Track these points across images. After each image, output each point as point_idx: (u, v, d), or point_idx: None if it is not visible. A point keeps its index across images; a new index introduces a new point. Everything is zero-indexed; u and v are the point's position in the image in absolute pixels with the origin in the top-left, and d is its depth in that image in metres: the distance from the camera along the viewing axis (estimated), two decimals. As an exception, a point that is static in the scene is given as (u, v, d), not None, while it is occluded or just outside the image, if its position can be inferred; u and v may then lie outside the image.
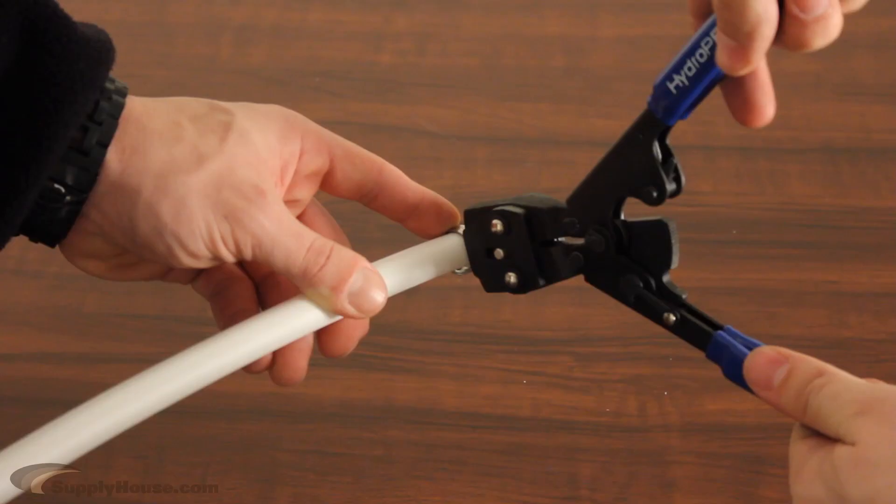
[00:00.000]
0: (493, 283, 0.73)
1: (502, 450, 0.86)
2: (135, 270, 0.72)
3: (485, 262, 0.72)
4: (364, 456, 0.86)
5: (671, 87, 0.64)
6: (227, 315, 0.73)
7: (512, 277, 0.72)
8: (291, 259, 0.68)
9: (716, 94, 1.19)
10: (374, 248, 0.73)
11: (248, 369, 0.71)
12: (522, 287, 0.73)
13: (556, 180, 1.04)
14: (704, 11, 0.63)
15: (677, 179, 0.67)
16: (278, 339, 0.69)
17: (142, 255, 0.69)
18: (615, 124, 1.08)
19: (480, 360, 0.91)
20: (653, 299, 0.68)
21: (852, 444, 0.59)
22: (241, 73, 1.15)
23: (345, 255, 0.69)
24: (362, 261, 0.70)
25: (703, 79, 0.64)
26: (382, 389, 0.90)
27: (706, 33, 0.62)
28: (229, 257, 0.68)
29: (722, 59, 0.61)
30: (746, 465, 0.85)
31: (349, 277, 0.69)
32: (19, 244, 0.99)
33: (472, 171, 1.05)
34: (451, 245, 0.73)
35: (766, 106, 0.64)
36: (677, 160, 0.67)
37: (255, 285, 0.75)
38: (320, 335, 0.73)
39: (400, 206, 0.74)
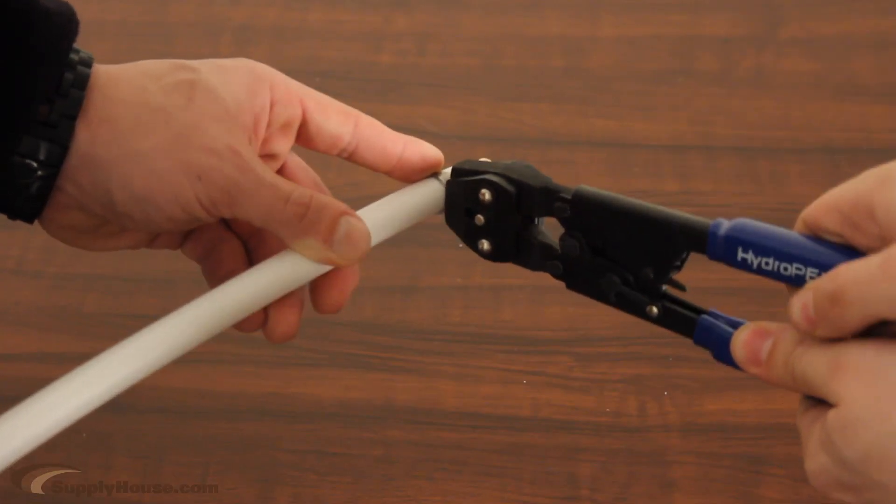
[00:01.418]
0: (464, 237, 0.73)
1: (502, 450, 0.86)
2: (119, 239, 0.72)
3: (463, 219, 0.72)
4: (364, 456, 0.86)
5: (739, 255, 0.62)
6: (218, 277, 0.72)
7: (485, 245, 0.72)
8: (272, 213, 0.68)
9: (714, 94, 1.19)
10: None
11: (241, 328, 0.70)
12: (493, 257, 0.72)
13: (556, 180, 1.04)
14: (815, 230, 0.62)
15: (678, 268, 0.67)
16: (267, 294, 0.69)
17: (122, 224, 0.69)
18: (615, 124, 1.09)
19: (480, 360, 0.91)
20: (633, 294, 0.68)
21: (837, 404, 0.59)
22: (241, 73, 1.15)
23: (326, 203, 0.69)
24: (344, 207, 0.69)
25: (767, 276, 0.62)
26: (382, 389, 0.90)
27: (805, 262, 0.61)
28: (208, 217, 0.68)
29: (795, 313, 0.60)
30: (746, 465, 0.85)
31: (333, 226, 0.68)
32: (19, 244, 1.00)
33: (472, 171, 1.05)
34: (432, 191, 0.73)
35: None
36: (682, 264, 0.66)
37: (243, 244, 0.74)
38: (313, 291, 0.72)
39: (381, 157, 0.73)
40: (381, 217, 0.71)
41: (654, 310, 0.67)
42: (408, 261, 0.97)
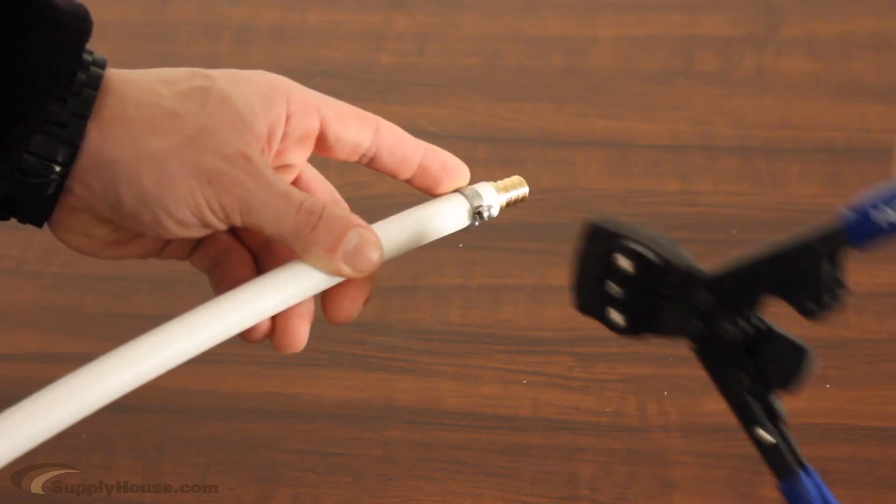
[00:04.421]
0: (590, 309, 0.66)
1: (502, 450, 0.86)
2: (128, 248, 0.71)
3: (591, 285, 0.65)
4: (364, 456, 0.86)
5: (883, 221, 0.58)
6: (225, 287, 0.70)
7: (619, 318, 0.65)
8: (282, 221, 0.67)
9: (714, 94, 1.19)
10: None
11: (247, 337, 0.69)
12: (630, 332, 0.65)
13: (556, 180, 1.04)
14: None
15: (839, 287, 0.61)
16: (274, 304, 0.67)
17: (130, 229, 0.68)
18: (615, 124, 1.09)
19: (480, 360, 0.91)
20: (754, 404, 0.63)
21: None
22: (241, 73, 1.15)
23: (337, 214, 0.67)
24: (356, 219, 0.68)
25: None
26: (382, 389, 0.90)
27: None
28: (218, 224, 0.67)
29: None
30: (746, 465, 0.85)
31: (343, 237, 0.67)
32: (19, 244, 1.00)
33: (472, 171, 1.05)
34: (453, 206, 0.71)
35: None
36: (843, 274, 0.61)
37: (252, 256, 0.73)
38: (324, 301, 0.71)
39: (402, 164, 0.72)
40: (396, 231, 0.70)
41: (761, 433, 0.63)
42: (408, 261, 0.97)
